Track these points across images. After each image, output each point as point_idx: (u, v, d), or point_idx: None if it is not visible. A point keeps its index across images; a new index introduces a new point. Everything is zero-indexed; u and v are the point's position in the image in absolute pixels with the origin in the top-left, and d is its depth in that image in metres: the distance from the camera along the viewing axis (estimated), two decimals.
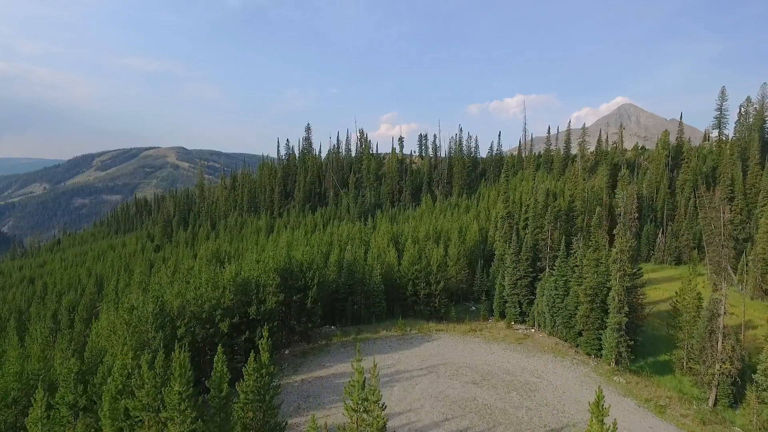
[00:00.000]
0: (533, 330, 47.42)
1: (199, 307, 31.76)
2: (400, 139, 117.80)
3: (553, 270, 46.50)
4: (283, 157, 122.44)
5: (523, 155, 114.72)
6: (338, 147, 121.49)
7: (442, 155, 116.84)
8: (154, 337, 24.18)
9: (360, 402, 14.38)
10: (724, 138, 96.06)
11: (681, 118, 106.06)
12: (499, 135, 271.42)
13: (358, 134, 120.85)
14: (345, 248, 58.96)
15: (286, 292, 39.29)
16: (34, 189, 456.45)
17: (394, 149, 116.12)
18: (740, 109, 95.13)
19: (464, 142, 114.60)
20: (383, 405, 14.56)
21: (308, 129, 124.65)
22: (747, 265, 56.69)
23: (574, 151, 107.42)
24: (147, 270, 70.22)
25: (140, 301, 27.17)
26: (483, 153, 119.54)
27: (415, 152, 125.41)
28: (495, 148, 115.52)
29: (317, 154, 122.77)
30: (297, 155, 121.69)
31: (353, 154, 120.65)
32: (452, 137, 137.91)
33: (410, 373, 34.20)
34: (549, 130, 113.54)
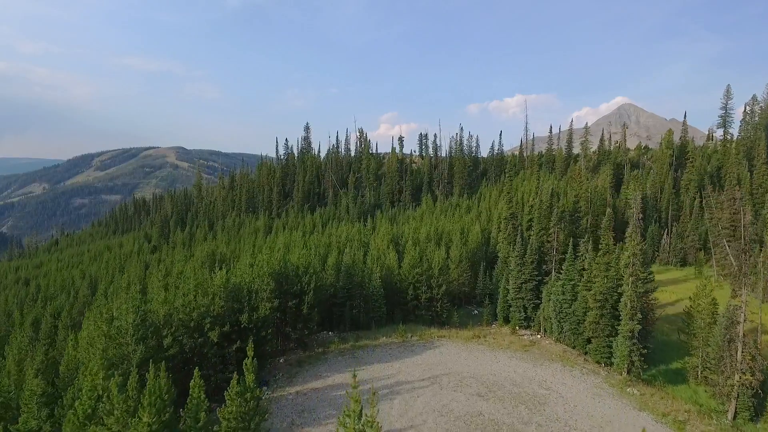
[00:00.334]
0: (539, 336, 45.57)
1: (187, 315, 29.94)
2: (400, 139, 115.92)
3: (560, 274, 44.66)
4: (282, 156, 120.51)
5: (525, 155, 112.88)
6: (338, 147, 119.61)
7: (443, 155, 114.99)
8: (135, 350, 22.36)
9: None
10: (729, 137, 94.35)
11: (684, 118, 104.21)
12: (500, 134, 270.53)
13: (358, 134, 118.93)
14: (343, 250, 56.98)
15: (281, 298, 37.44)
16: (33, 189, 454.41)
17: (393, 149, 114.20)
18: (745, 108, 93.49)
19: (465, 142, 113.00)
20: None
21: (307, 128, 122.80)
22: (757, 267, 54.87)
23: (575, 150, 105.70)
24: (142, 272, 68.32)
25: (122, 310, 25.26)
26: (484, 153, 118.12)
27: (415, 152, 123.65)
28: (496, 148, 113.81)
29: (316, 153, 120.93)
30: (296, 155, 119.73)
31: (353, 154, 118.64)
32: (453, 137, 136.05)
33: (411, 384, 32.36)
34: (551, 130, 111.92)
